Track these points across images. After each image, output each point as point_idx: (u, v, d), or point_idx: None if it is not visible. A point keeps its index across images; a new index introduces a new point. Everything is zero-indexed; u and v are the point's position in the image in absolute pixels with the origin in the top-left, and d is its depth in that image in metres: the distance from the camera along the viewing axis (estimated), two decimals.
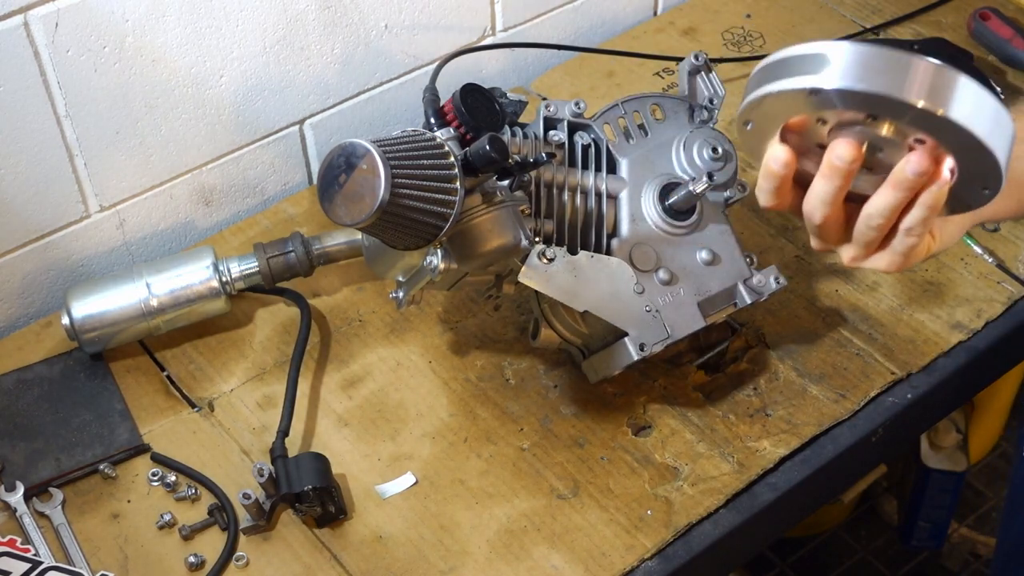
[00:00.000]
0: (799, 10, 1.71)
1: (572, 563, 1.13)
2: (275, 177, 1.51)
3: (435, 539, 1.16)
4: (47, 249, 1.37)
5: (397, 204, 1.00)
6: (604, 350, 1.19)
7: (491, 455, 1.22)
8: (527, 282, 1.12)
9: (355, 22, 1.45)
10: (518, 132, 1.16)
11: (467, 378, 1.29)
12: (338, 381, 1.30)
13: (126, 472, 1.22)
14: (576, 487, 1.19)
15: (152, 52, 1.31)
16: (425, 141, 1.05)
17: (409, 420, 1.26)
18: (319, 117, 1.50)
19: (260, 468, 1.14)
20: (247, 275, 1.31)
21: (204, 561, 1.14)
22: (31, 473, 1.21)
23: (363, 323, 1.35)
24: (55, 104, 1.27)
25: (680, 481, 1.19)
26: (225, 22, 1.35)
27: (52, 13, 1.22)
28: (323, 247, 1.33)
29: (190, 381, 1.30)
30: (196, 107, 1.38)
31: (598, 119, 1.22)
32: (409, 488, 1.20)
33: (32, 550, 1.13)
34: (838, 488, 1.56)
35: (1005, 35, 1.60)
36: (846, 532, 2.27)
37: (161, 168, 1.40)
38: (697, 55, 1.24)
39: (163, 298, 1.28)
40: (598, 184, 1.18)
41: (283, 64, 1.42)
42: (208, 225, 1.48)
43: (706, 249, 1.19)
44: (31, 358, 1.32)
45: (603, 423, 1.24)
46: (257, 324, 1.36)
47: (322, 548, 1.15)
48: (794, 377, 1.27)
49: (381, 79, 1.53)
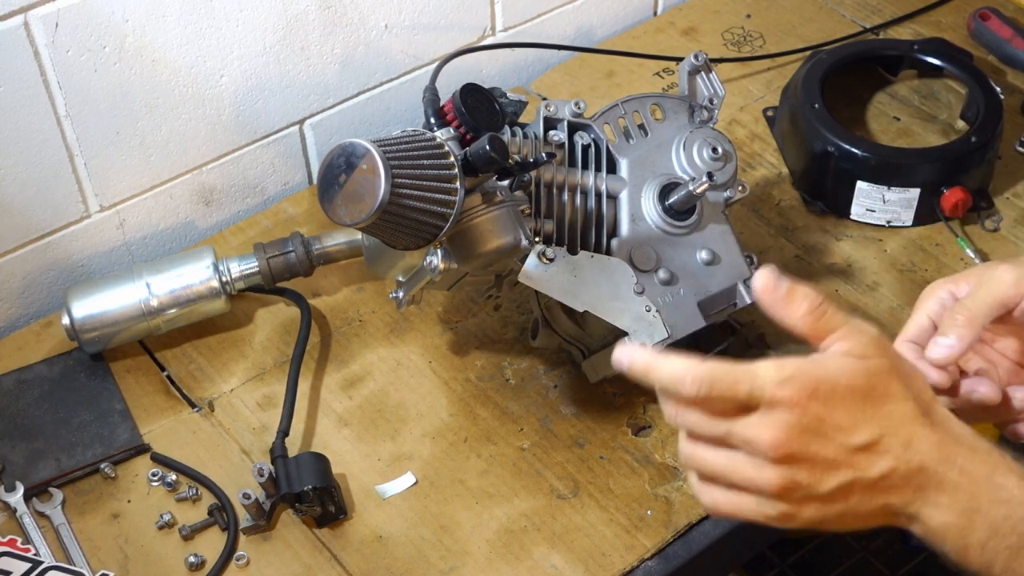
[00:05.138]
0: (799, 10, 1.71)
1: (572, 563, 1.13)
2: (275, 177, 1.51)
3: (435, 539, 1.16)
4: (47, 249, 1.37)
5: (397, 204, 1.00)
6: (604, 350, 1.19)
7: (491, 455, 1.22)
8: (527, 282, 1.12)
9: (355, 22, 1.45)
10: (518, 132, 1.16)
11: (467, 378, 1.29)
12: (338, 381, 1.30)
13: (126, 472, 1.22)
14: (576, 487, 1.19)
15: (152, 52, 1.31)
16: (425, 141, 1.05)
17: (409, 420, 1.26)
18: (319, 117, 1.50)
19: (260, 468, 1.14)
20: (247, 275, 1.31)
21: (204, 561, 1.14)
22: (31, 473, 1.21)
23: (363, 323, 1.35)
24: (55, 104, 1.27)
25: (680, 481, 1.19)
26: (225, 22, 1.35)
27: (52, 13, 1.22)
28: (323, 247, 1.33)
29: (190, 381, 1.30)
30: (196, 107, 1.38)
31: (598, 119, 1.22)
32: (409, 488, 1.20)
33: (32, 550, 1.13)
34: None
35: (1005, 35, 1.60)
36: (846, 532, 2.26)
37: (161, 168, 1.40)
38: (697, 55, 1.24)
39: (163, 298, 1.28)
40: (598, 184, 1.18)
41: (283, 64, 1.42)
42: (208, 225, 1.48)
43: (706, 249, 1.19)
44: (31, 358, 1.32)
45: (603, 423, 1.24)
46: (257, 324, 1.36)
47: (322, 548, 1.15)
48: None
49: (381, 79, 1.53)
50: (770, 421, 0.81)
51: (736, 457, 0.83)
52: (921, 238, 1.41)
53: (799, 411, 0.81)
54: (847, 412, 0.83)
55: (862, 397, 0.84)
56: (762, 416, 0.82)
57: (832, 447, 0.82)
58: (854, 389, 0.83)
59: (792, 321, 0.86)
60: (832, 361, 0.85)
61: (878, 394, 0.84)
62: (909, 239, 1.41)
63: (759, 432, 0.81)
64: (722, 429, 0.82)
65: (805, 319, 0.85)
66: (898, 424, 0.84)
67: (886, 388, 0.85)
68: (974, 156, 1.40)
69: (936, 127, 1.50)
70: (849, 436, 0.83)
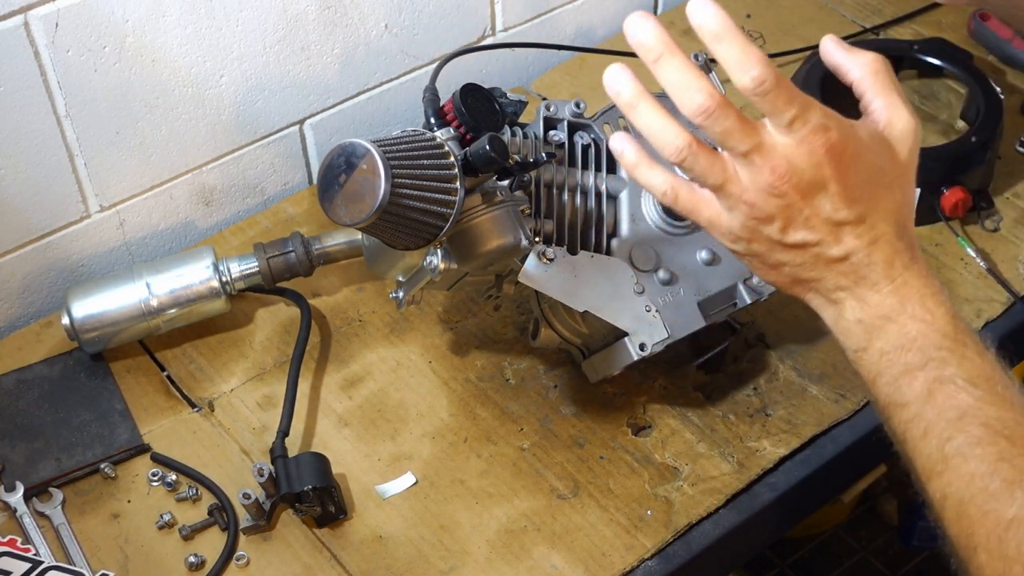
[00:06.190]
0: (799, 10, 1.71)
1: (572, 563, 1.13)
2: (275, 177, 1.51)
3: (435, 539, 1.16)
4: (47, 249, 1.37)
5: (397, 204, 1.00)
6: (604, 350, 1.19)
7: (491, 455, 1.22)
8: (527, 282, 1.12)
9: (355, 22, 1.45)
10: (518, 132, 1.16)
11: (467, 378, 1.29)
12: (338, 381, 1.30)
13: (126, 472, 1.22)
14: (576, 487, 1.19)
15: (152, 52, 1.31)
16: (425, 141, 1.05)
17: (409, 420, 1.26)
18: (319, 117, 1.50)
19: (260, 468, 1.14)
20: (247, 275, 1.31)
21: (204, 561, 1.14)
22: (31, 473, 1.21)
23: (363, 323, 1.35)
24: (55, 104, 1.27)
25: (680, 481, 1.19)
26: (225, 22, 1.35)
27: (52, 13, 1.22)
28: (323, 247, 1.33)
29: (190, 381, 1.30)
30: (196, 107, 1.38)
31: (598, 119, 1.22)
32: (409, 488, 1.20)
33: (32, 550, 1.13)
34: (838, 488, 1.56)
35: (1005, 35, 1.60)
36: (846, 532, 2.27)
37: (161, 168, 1.40)
38: (697, 55, 1.24)
39: (163, 298, 1.28)
40: (598, 184, 1.18)
41: (283, 64, 1.42)
42: (208, 225, 1.48)
43: (706, 249, 1.19)
44: (31, 358, 1.32)
45: (603, 423, 1.24)
46: (257, 324, 1.36)
47: (322, 548, 1.15)
48: (794, 377, 1.27)
49: (381, 79, 1.53)
50: (790, 153, 0.84)
51: (737, 168, 0.85)
52: (921, 238, 1.41)
53: (815, 161, 0.84)
54: (852, 186, 0.85)
55: (870, 179, 0.86)
56: (786, 146, 0.84)
57: (819, 208, 0.86)
58: (870, 168, 0.86)
59: (854, 69, 0.89)
60: (866, 133, 0.87)
61: (883, 183, 0.87)
62: None
63: (774, 158, 0.84)
64: (753, 140, 0.83)
65: (867, 70, 0.89)
66: (878, 219, 0.87)
67: (891, 181, 0.88)
68: (974, 156, 1.40)
69: (936, 127, 1.50)
70: (837, 207, 0.86)
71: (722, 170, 0.86)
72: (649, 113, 0.86)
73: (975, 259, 1.37)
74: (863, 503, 2.29)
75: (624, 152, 0.90)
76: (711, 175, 0.86)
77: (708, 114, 0.82)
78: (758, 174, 0.84)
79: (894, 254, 0.87)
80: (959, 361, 0.86)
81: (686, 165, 0.86)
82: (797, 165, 0.84)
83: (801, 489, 1.21)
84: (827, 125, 0.83)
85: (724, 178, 0.86)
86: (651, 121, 0.86)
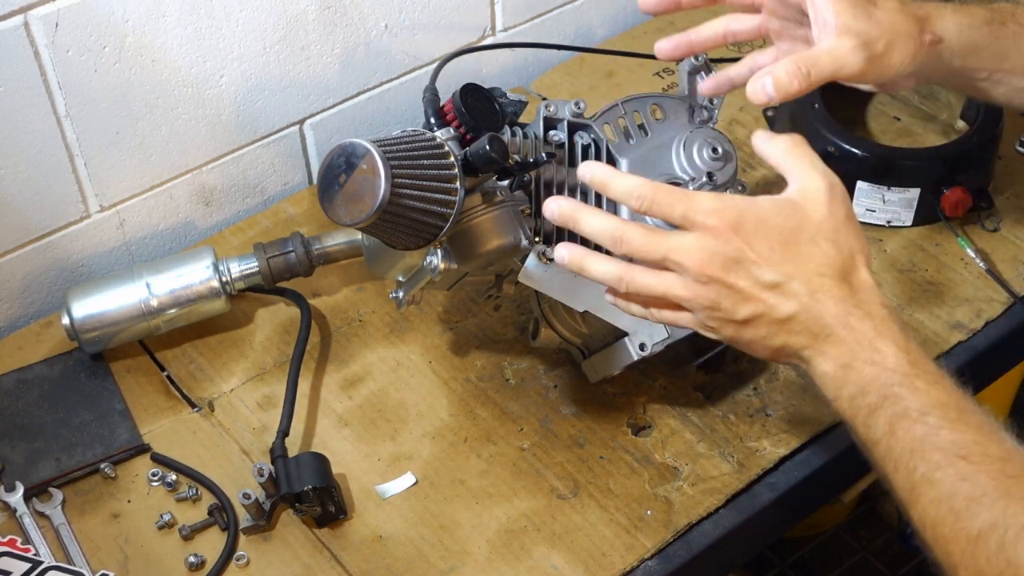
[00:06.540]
0: None
1: (572, 563, 1.13)
2: (275, 177, 1.51)
3: (435, 539, 1.16)
4: (47, 249, 1.37)
5: (397, 204, 1.00)
6: (604, 350, 1.19)
7: (491, 455, 1.22)
8: (527, 282, 1.12)
9: (355, 22, 1.45)
10: (518, 132, 1.16)
11: (467, 378, 1.29)
12: (338, 381, 1.30)
13: (126, 472, 1.22)
14: (576, 487, 1.19)
15: (152, 52, 1.31)
16: (425, 141, 1.05)
17: (409, 420, 1.26)
18: (319, 117, 1.50)
19: (260, 468, 1.14)
20: (247, 275, 1.31)
21: (204, 561, 1.14)
22: (31, 473, 1.21)
23: (363, 323, 1.35)
24: (55, 104, 1.27)
25: (680, 481, 1.19)
26: (225, 22, 1.35)
27: (52, 13, 1.22)
28: (323, 247, 1.33)
29: (190, 381, 1.30)
30: (196, 107, 1.38)
31: (598, 119, 1.22)
32: (409, 488, 1.20)
33: (32, 550, 1.13)
34: (838, 488, 1.56)
35: None
36: (846, 532, 2.27)
37: (161, 168, 1.40)
38: (697, 55, 1.24)
39: (163, 298, 1.28)
40: None
41: (283, 64, 1.42)
42: (208, 225, 1.48)
43: None
44: (31, 358, 1.32)
45: (603, 423, 1.24)
46: (257, 324, 1.36)
47: (322, 548, 1.15)
48: (794, 377, 1.27)
49: (381, 79, 1.53)
50: (698, 245, 0.92)
51: (669, 277, 0.94)
52: (921, 238, 1.41)
53: (723, 240, 0.92)
54: (767, 249, 0.92)
55: (785, 239, 0.92)
56: (693, 239, 0.92)
57: (746, 279, 0.92)
58: (781, 230, 0.93)
59: (774, 153, 0.97)
60: (769, 201, 0.94)
61: (803, 240, 0.93)
62: (909, 239, 1.41)
63: (687, 254, 0.92)
64: (661, 249, 0.93)
65: (782, 151, 0.97)
66: (811, 273, 0.93)
67: (812, 237, 0.93)
68: (974, 156, 1.39)
69: (936, 127, 1.50)
70: (761, 272, 0.92)
71: (661, 280, 0.95)
72: (591, 218, 0.97)
73: (975, 259, 1.37)
74: (863, 503, 2.29)
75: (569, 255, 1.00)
76: (655, 287, 0.95)
77: (617, 241, 0.95)
78: (684, 271, 0.93)
79: (836, 303, 0.93)
80: (911, 394, 0.91)
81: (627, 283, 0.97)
82: (710, 248, 0.92)
83: (801, 489, 1.21)
84: (719, 207, 0.92)
85: (664, 287, 0.95)
86: (593, 222, 0.97)
